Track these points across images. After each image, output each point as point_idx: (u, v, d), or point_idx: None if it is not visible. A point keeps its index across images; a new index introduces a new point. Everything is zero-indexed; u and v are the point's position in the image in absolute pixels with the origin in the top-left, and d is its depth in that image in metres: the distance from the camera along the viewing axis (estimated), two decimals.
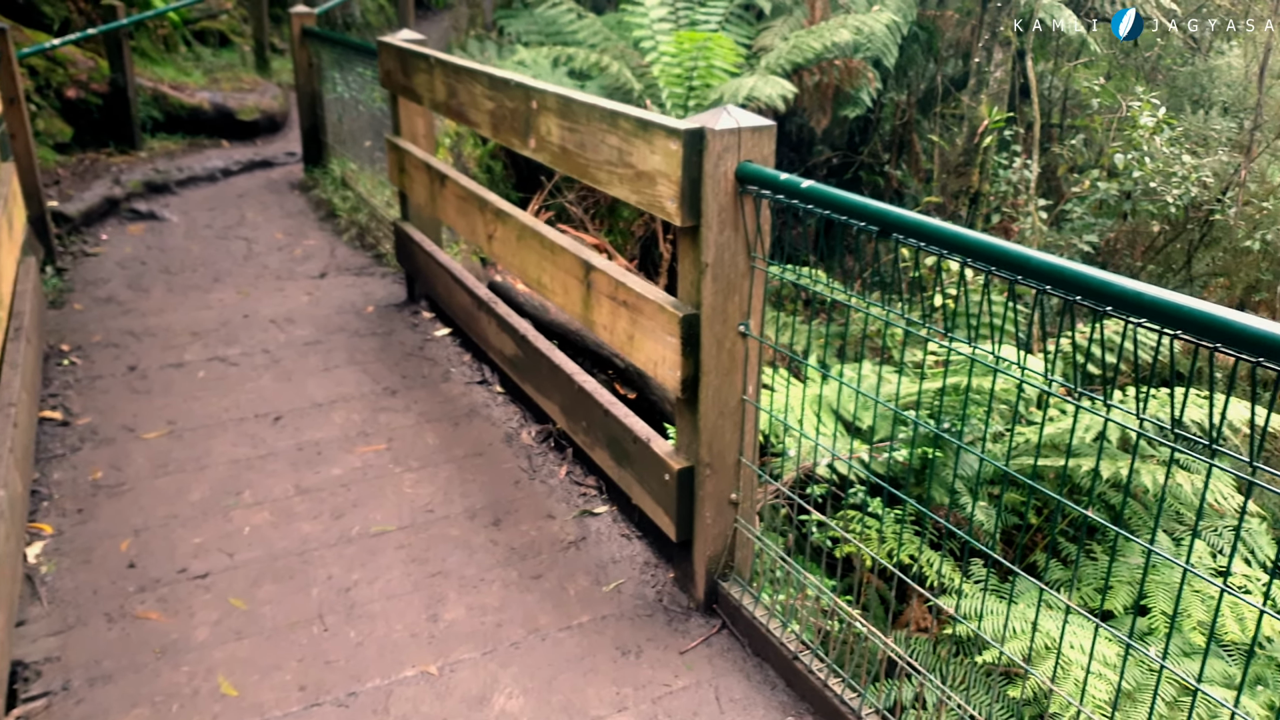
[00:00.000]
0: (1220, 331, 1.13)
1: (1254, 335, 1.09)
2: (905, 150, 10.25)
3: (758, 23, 9.52)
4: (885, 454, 5.27)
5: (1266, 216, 6.94)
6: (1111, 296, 1.25)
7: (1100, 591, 5.25)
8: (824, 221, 1.78)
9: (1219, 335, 1.14)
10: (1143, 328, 1.25)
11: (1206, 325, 1.15)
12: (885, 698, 4.29)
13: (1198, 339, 1.18)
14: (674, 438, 3.19)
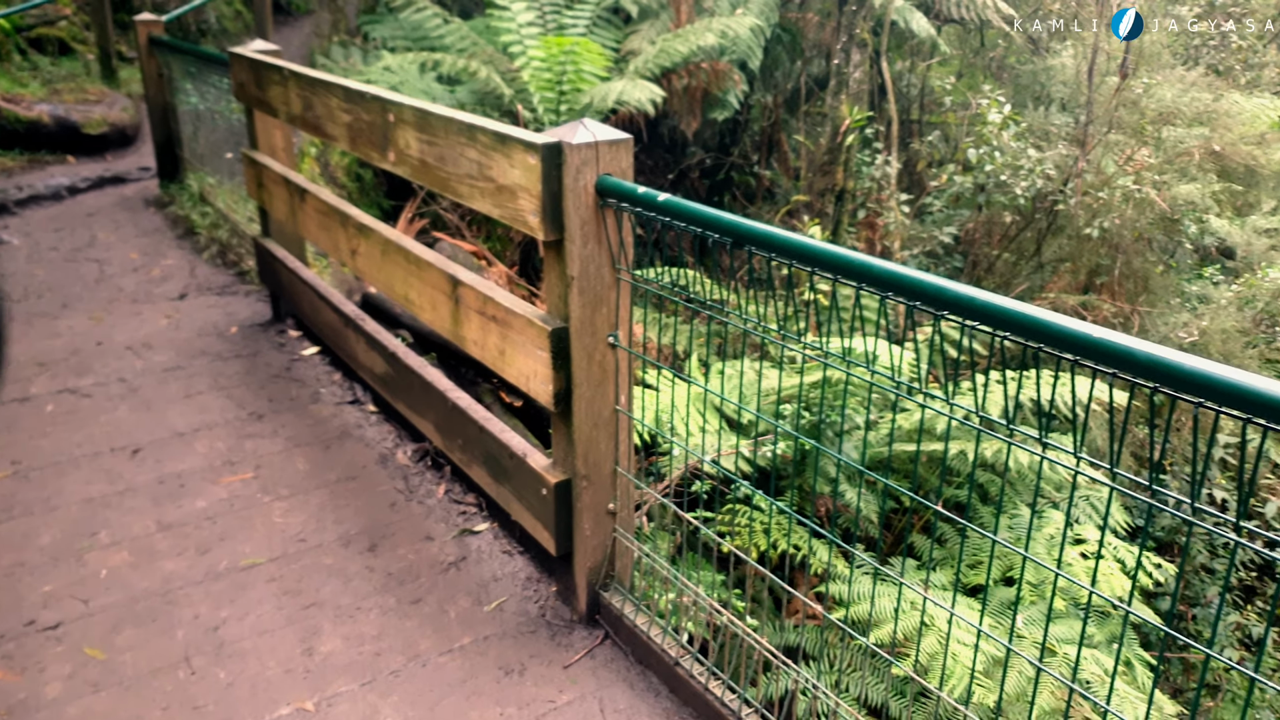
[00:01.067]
0: (1038, 332, 1.21)
1: (1054, 331, 1.17)
2: (774, 150, 10.50)
3: (625, 26, 9.59)
4: (766, 448, 5.40)
5: (1103, 205, 7.41)
6: (946, 301, 1.31)
7: (972, 567, 5.51)
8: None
9: (1032, 334, 1.21)
10: (977, 330, 1.32)
11: (1020, 324, 1.22)
12: (767, 692, 4.39)
13: (1024, 340, 1.25)
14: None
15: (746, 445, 5.56)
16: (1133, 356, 1.11)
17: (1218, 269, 8.62)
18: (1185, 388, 1.09)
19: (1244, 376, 1.03)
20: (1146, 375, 1.12)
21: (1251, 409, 1.04)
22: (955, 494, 6.29)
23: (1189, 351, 7.15)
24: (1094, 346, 1.14)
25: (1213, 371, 1.05)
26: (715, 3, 9.26)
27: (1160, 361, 1.10)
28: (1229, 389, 1.04)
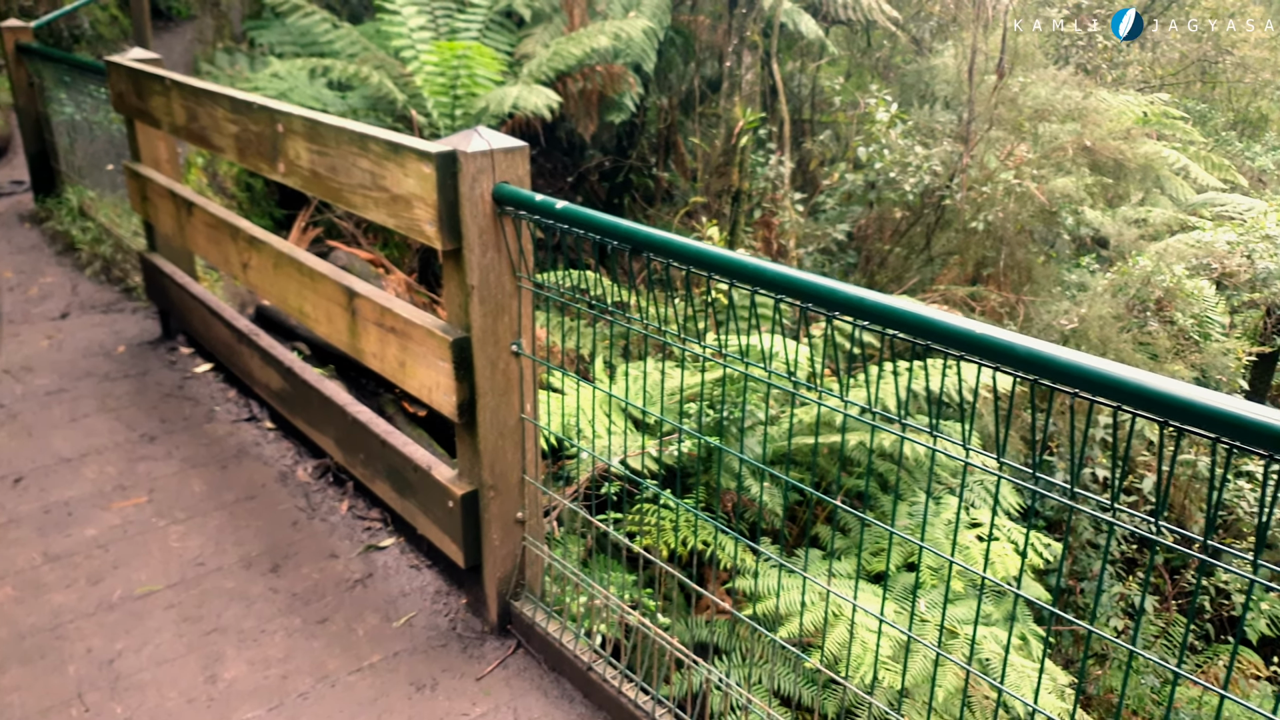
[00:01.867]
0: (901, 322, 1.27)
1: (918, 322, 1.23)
2: (672, 152, 10.62)
3: (519, 30, 9.54)
4: (672, 446, 5.46)
5: (987, 199, 7.73)
6: (835, 302, 1.36)
7: (875, 555, 5.68)
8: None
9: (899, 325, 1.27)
10: (867, 328, 1.37)
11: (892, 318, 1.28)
12: (681, 689, 4.44)
13: (910, 336, 1.30)
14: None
15: (653, 445, 5.61)
16: (1013, 351, 1.18)
17: (1094, 258, 9.09)
18: (1061, 378, 1.16)
19: (1110, 366, 1.10)
20: (1025, 368, 1.18)
21: (1119, 397, 1.11)
22: (856, 484, 6.47)
23: (1070, 338, 7.47)
24: (975, 342, 1.20)
25: (1083, 363, 1.12)
26: (608, 6, 9.30)
27: (1037, 355, 1.17)
28: (1098, 378, 1.11)
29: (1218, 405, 1.03)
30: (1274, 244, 8.38)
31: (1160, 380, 1.06)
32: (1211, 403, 1.03)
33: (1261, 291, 7.87)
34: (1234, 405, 1.02)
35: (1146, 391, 1.07)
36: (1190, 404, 1.06)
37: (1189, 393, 1.05)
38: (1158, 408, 1.07)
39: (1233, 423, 1.02)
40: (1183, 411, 1.06)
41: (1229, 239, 8.16)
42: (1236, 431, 1.01)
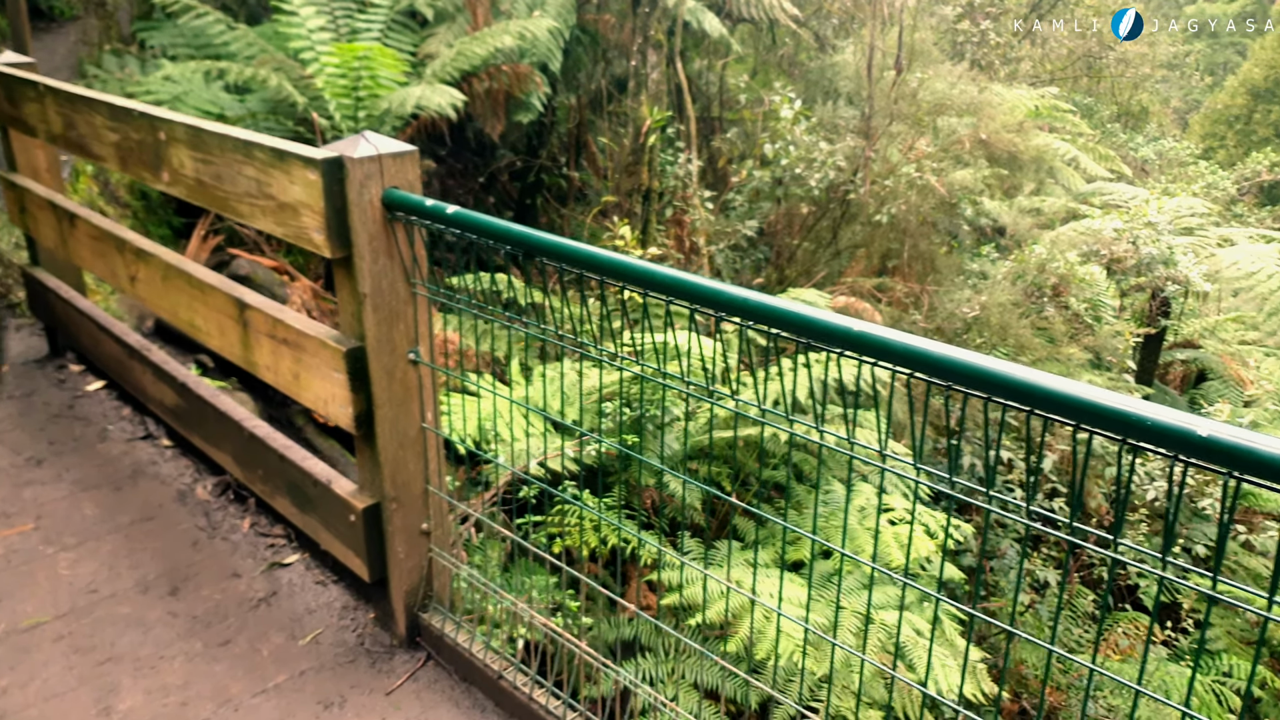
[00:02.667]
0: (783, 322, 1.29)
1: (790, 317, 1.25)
2: (583, 151, 10.60)
3: (422, 30, 9.40)
4: (590, 446, 5.45)
5: (890, 193, 7.92)
6: (722, 303, 1.37)
7: (792, 544, 5.78)
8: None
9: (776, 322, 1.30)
10: (753, 328, 1.39)
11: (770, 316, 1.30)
12: (603, 690, 4.44)
13: (794, 336, 1.33)
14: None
15: (572, 446, 5.60)
16: (888, 347, 1.21)
17: (993, 247, 9.41)
18: (935, 372, 1.20)
19: (972, 358, 1.14)
20: (902, 362, 1.22)
21: (989, 389, 1.15)
22: (774, 475, 6.58)
23: (972, 325, 7.67)
24: (853, 339, 1.23)
25: (953, 356, 1.16)
26: (512, 5, 9.23)
27: (912, 350, 1.20)
28: (966, 371, 1.15)
29: (1037, 382, 1.08)
30: (1156, 230, 8.80)
31: (1018, 370, 1.11)
32: (1036, 381, 1.07)
33: (1146, 275, 8.25)
34: (1064, 386, 1.07)
35: (1011, 382, 1.11)
36: (1018, 383, 1.10)
37: (1036, 379, 1.09)
38: (1021, 397, 1.11)
39: (1075, 406, 1.06)
40: (1032, 397, 1.10)
41: (1116, 226, 8.54)
42: (1080, 414, 1.06)
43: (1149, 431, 1.04)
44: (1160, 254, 8.50)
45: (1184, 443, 1.03)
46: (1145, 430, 1.04)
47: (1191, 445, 1.02)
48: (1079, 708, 6.78)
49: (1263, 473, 0.98)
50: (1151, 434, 1.04)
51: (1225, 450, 1.00)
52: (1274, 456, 0.97)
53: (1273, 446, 0.98)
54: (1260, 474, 0.99)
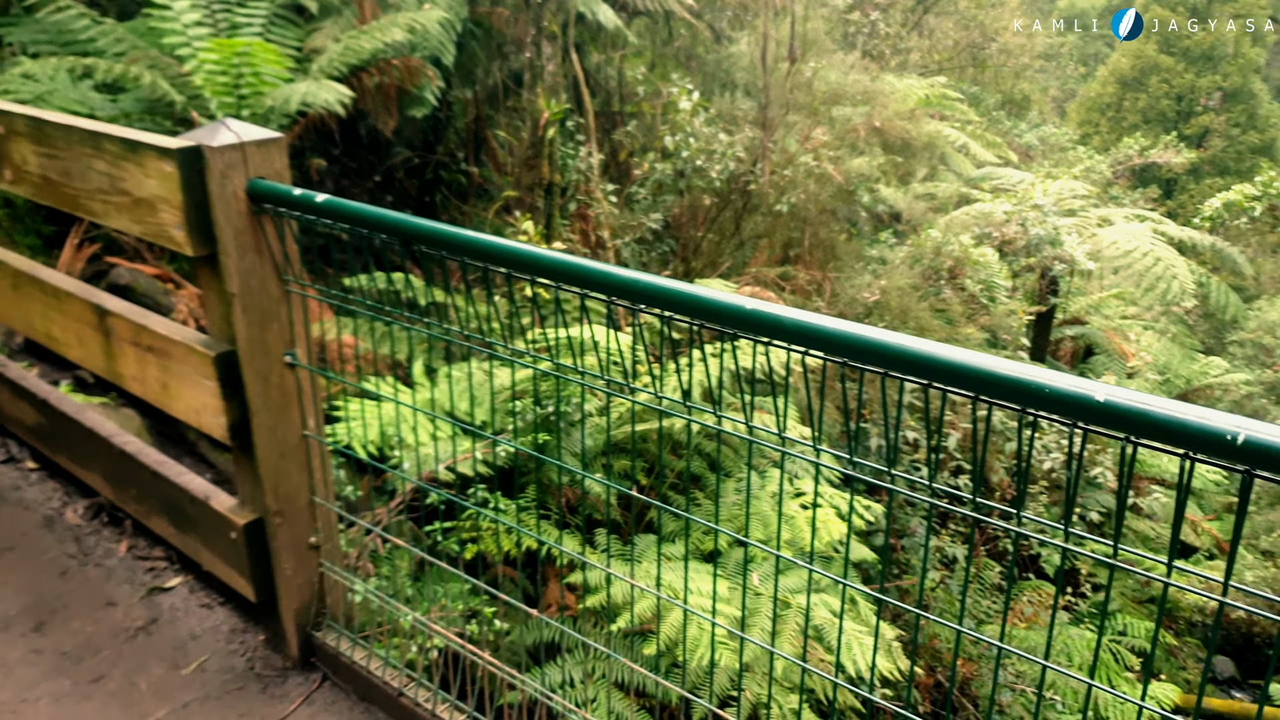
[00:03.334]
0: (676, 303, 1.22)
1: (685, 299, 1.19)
2: (482, 146, 10.40)
3: (307, 24, 9.06)
4: (500, 447, 5.32)
5: (789, 182, 7.99)
6: (602, 283, 1.29)
7: (707, 534, 5.76)
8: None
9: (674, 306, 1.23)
10: (646, 311, 1.31)
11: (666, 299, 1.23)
12: (516, 699, 4.34)
13: (691, 319, 1.26)
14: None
15: (481, 448, 5.46)
16: (781, 324, 1.15)
17: (891, 233, 9.59)
18: (830, 349, 1.14)
19: (866, 331, 1.09)
20: (796, 340, 1.16)
21: (886, 363, 1.10)
22: (688, 466, 6.55)
23: (873, 309, 7.81)
24: (746, 318, 1.16)
25: (848, 331, 1.10)
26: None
27: (803, 326, 1.14)
28: (861, 345, 1.09)
29: (933, 354, 1.03)
30: (1042, 212, 9.11)
31: (904, 340, 1.06)
32: (929, 351, 1.03)
33: (1035, 256, 8.53)
34: (961, 357, 1.03)
35: (907, 354, 1.06)
36: (907, 353, 1.06)
37: (922, 348, 1.04)
38: (918, 370, 1.06)
39: (970, 376, 1.02)
40: (930, 370, 1.05)
41: (1005, 209, 8.81)
42: (980, 385, 1.02)
43: (1047, 399, 1.01)
44: (1047, 234, 8.80)
45: (1082, 409, 1.00)
46: (1044, 398, 1.01)
47: (1089, 411, 1.00)
48: (990, 676, 6.97)
49: (1157, 434, 0.97)
50: (1050, 402, 1.01)
51: (1122, 414, 0.98)
52: (1168, 417, 0.96)
53: (1166, 408, 0.96)
54: (1155, 436, 0.97)
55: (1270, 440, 0.88)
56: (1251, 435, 0.89)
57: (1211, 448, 0.91)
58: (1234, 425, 0.90)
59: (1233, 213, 9.55)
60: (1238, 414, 0.99)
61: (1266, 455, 0.89)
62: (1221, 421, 0.91)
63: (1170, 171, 16.43)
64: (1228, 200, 9.22)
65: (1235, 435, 0.89)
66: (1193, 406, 0.94)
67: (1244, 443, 0.89)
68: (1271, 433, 0.88)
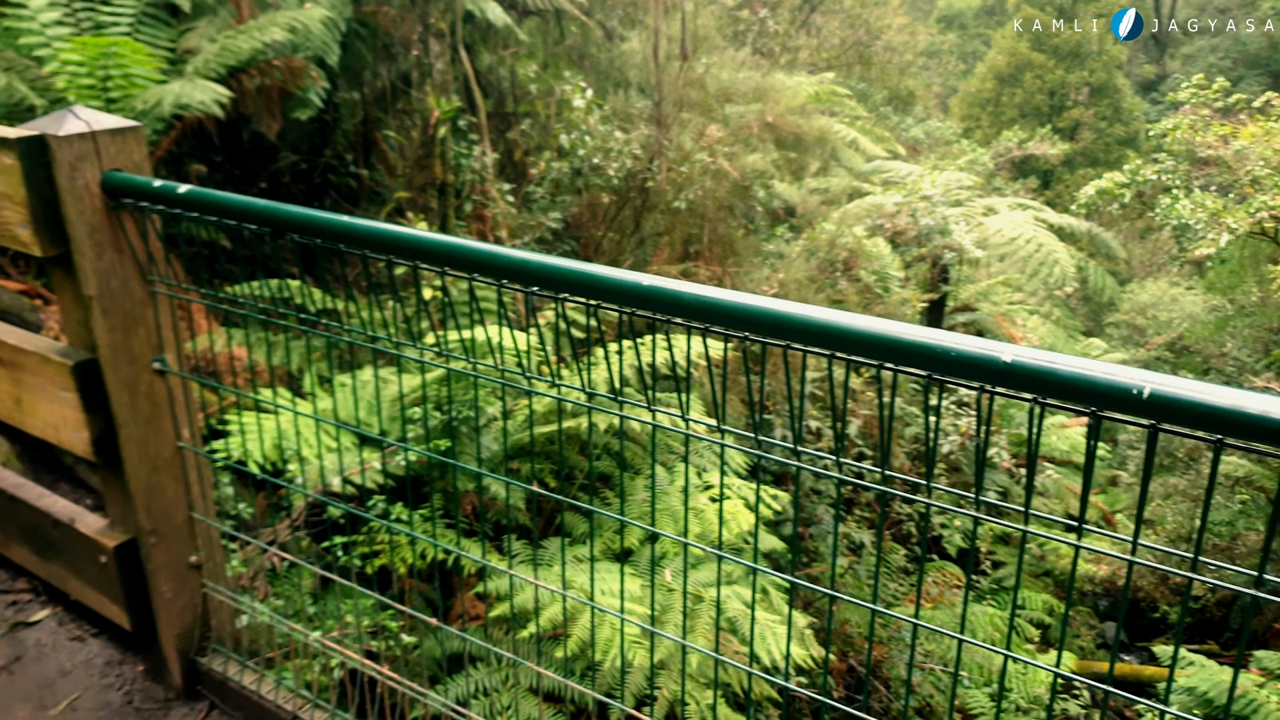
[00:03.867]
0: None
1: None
2: (373, 149, 10.12)
3: (179, 24, 8.64)
4: (399, 456, 5.16)
5: (686, 179, 8.01)
6: (505, 270, 1.22)
7: (618, 533, 5.71)
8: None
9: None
10: (552, 297, 1.24)
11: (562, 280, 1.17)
12: (441, 705, 4.20)
13: (613, 305, 1.19)
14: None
15: (381, 458, 5.28)
16: (679, 299, 1.09)
17: (786, 227, 9.73)
18: (730, 323, 1.10)
19: (766, 303, 1.05)
20: (694, 316, 1.11)
21: (788, 335, 1.06)
22: (596, 466, 6.48)
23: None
24: (643, 294, 1.11)
25: (747, 303, 1.06)
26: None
27: (702, 300, 1.10)
28: (762, 317, 1.05)
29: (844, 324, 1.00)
30: (931, 203, 9.38)
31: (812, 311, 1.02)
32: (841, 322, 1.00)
33: (926, 245, 8.76)
34: (865, 324, 1.00)
35: (810, 325, 1.02)
36: (815, 325, 1.02)
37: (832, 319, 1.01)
38: (821, 340, 1.03)
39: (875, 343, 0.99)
40: (833, 339, 1.02)
41: (896, 201, 9.03)
42: (883, 352, 0.99)
43: (954, 363, 0.98)
44: (937, 224, 9.06)
45: (989, 371, 0.98)
46: (950, 362, 0.98)
47: (996, 372, 0.98)
48: (900, 658, 7.12)
49: (1065, 393, 0.95)
50: (956, 365, 0.99)
51: (1029, 374, 0.96)
52: (1074, 375, 0.94)
53: (1072, 366, 0.95)
54: (1062, 394, 0.95)
55: (1174, 392, 0.87)
56: (1156, 389, 0.88)
57: (1118, 403, 0.90)
58: (1139, 380, 0.89)
59: (1105, 199, 10.02)
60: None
61: (1171, 407, 0.88)
62: (1127, 376, 0.90)
63: (1047, 163, 17.19)
64: (1101, 188, 9.67)
65: (1140, 389, 0.88)
66: (1098, 363, 0.92)
67: (1150, 396, 0.88)
68: (1175, 385, 0.87)
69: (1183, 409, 0.87)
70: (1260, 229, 8.20)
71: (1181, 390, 0.87)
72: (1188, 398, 0.87)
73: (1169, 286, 14.05)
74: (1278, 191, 8.00)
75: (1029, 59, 21.26)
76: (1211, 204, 8.23)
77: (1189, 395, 0.87)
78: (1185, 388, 0.88)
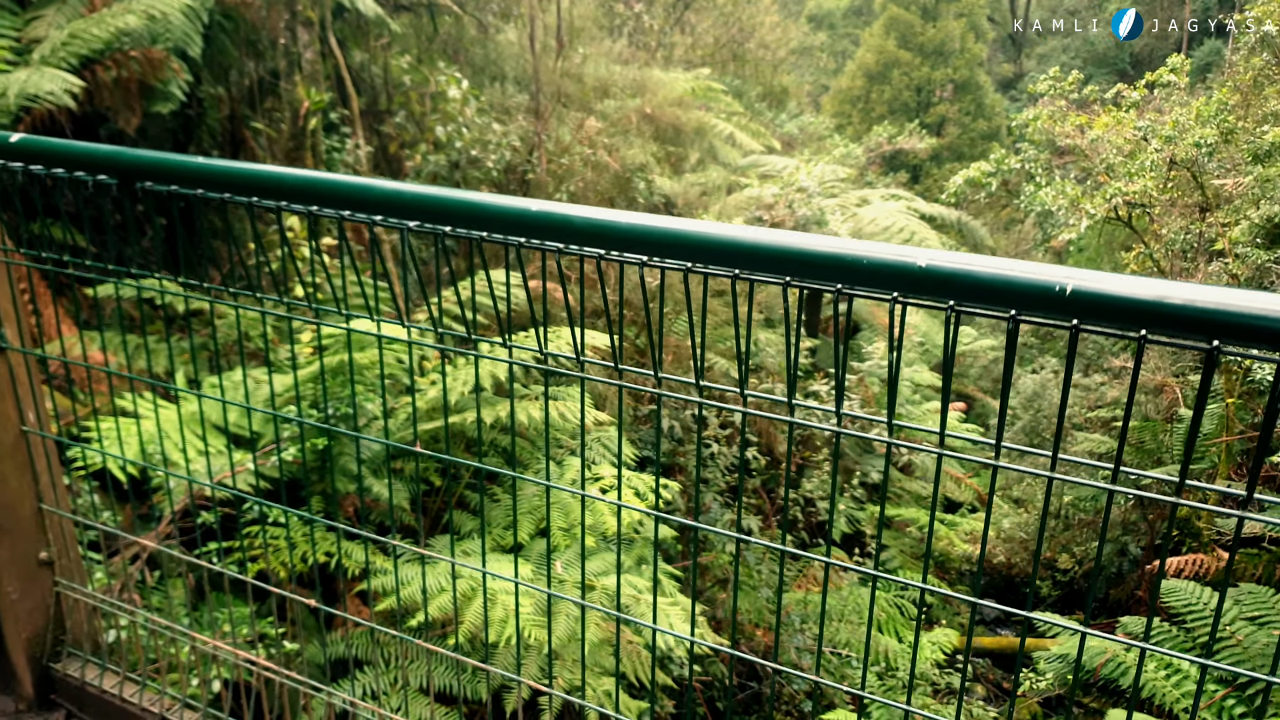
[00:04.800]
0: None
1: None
2: (241, 145, 9.69)
3: (25, 11, 8.07)
4: (273, 458, 4.94)
5: (566, 171, 7.97)
6: (377, 203, 1.15)
7: (508, 528, 5.62)
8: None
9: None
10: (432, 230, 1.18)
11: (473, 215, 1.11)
12: (322, 713, 4.04)
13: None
14: None
15: (257, 459, 5.04)
16: (570, 224, 1.05)
17: None
18: (624, 245, 1.06)
19: (663, 222, 1.02)
20: (588, 242, 1.07)
21: (691, 254, 1.03)
22: (484, 462, 6.36)
23: (656, 294, 7.94)
24: (531, 220, 1.06)
25: (644, 224, 1.02)
26: None
27: (594, 224, 1.06)
28: (660, 238, 1.02)
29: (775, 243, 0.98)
30: (807, 194, 9.61)
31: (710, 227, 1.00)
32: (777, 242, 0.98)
33: None
34: (770, 238, 0.98)
35: (713, 243, 1.00)
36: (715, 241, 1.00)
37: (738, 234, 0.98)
38: (723, 258, 1.00)
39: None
40: (736, 256, 1.00)
41: (774, 192, 9.21)
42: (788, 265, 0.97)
43: (866, 271, 0.96)
44: (813, 214, 9.29)
45: (903, 277, 0.95)
46: (862, 270, 0.96)
47: (911, 279, 0.95)
48: (789, 642, 7.25)
49: (982, 295, 0.93)
50: (869, 274, 0.96)
51: (944, 277, 0.94)
52: (992, 276, 0.92)
53: (989, 266, 0.93)
54: (980, 297, 0.93)
55: (1097, 288, 0.86)
56: (1079, 285, 0.87)
57: (1039, 303, 0.88)
58: (1061, 277, 0.88)
59: (973, 188, 10.47)
60: (984, 379, 1.00)
61: (1094, 304, 0.87)
62: (1048, 274, 0.89)
63: (916, 157, 17.90)
64: (968, 176, 10.11)
65: (1063, 287, 0.87)
66: (1017, 262, 0.92)
67: (1072, 293, 0.87)
68: (1097, 280, 0.87)
69: (1106, 304, 0.86)
70: (1115, 214, 8.71)
71: (1104, 285, 0.86)
72: (1111, 292, 0.86)
73: None
74: (1130, 178, 8.51)
75: (896, 57, 22.10)
76: (1071, 190, 8.70)
77: (1112, 290, 0.86)
78: (1107, 282, 0.87)
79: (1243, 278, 8.45)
